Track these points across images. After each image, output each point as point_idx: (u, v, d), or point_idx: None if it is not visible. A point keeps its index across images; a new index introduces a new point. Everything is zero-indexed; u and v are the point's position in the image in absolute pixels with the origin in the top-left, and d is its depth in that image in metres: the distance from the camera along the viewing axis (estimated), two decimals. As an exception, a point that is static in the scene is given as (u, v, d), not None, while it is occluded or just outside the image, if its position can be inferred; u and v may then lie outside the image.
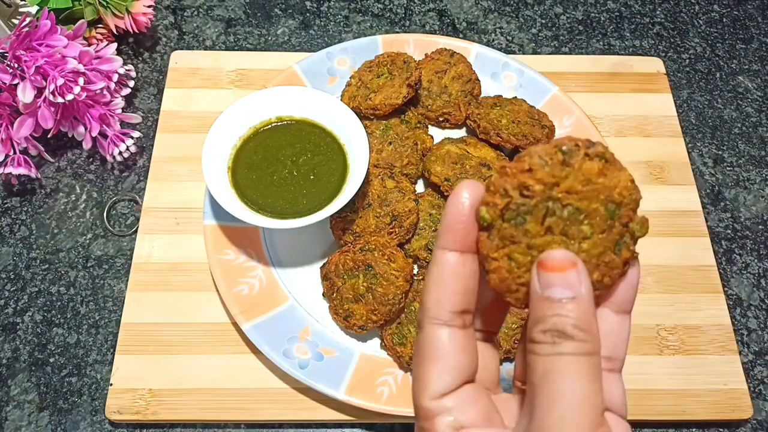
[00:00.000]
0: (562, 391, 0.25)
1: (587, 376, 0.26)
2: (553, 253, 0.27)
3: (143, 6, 0.77)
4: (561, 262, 0.27)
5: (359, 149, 0.63)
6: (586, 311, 0.26)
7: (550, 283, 0.27)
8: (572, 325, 0.26)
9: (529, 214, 0.27)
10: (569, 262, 0.27)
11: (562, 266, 0.27)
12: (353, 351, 0.60)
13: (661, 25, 0.88)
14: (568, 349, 0.26)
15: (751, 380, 0.62)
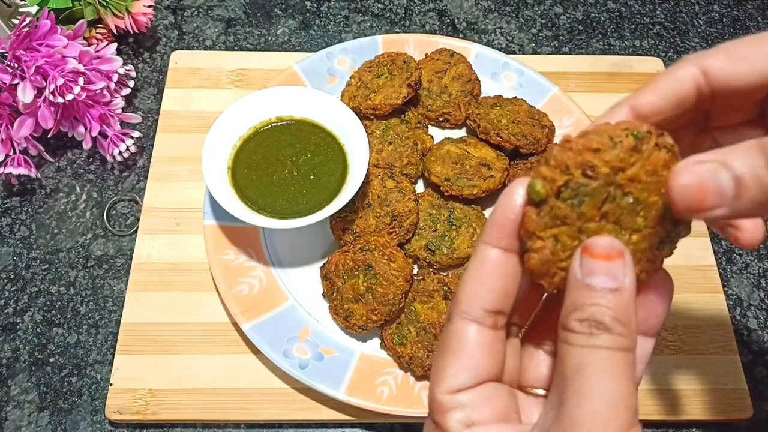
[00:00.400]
0: (598, 387, 0.24)
1: (623, 373, 0.25)
2: (601, 239, 0.26)
3: (143, 6, 0.77)
4: (609, 249, 0.25)
5: (359, 149, 0.63)
6: (627, 305, 0.25)
7: (593, 271, 0.25)
8: (611, 317, 0.25)
9: (589, 197, 0.26)
10: (617, 251, 0.25)
11: (609, 254, 0.25)
12: (353, 351, 0.60)
13: (661, 25, 0.88)
14: (605, 343, 0.25)
15: (751, 380, 0.62)
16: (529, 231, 0.27)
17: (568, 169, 0.25)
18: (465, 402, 0.27)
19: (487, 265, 0.28)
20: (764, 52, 0.29)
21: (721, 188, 0.24)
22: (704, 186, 0.24)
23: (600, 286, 0.25)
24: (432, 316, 0.58)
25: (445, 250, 0.63)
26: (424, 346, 0.57)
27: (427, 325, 0.57)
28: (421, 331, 0.58)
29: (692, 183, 0.24)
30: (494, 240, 0.28)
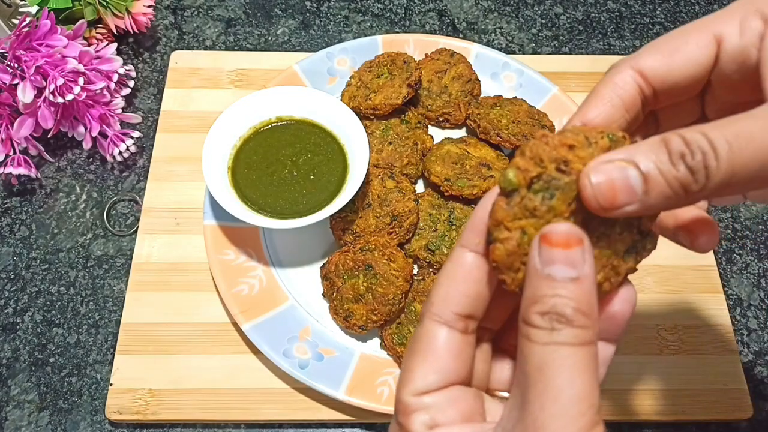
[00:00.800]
0: (560, 388, 0.24)
1: (586, 370, 0.24)
2: (559, 225, 0.25)
3: (143, 6, 0.77)
4: (567, 236, 0.25)
5: (359, 149, 0.63)
6: (589, 294, 0.25)
7: (552, 260, 0.25)
8: (573, 308, 0.24)
9: (560, 191, 0.25)
10: (576, 237, 0.25)
11: (568, 241, 0.24)
12: (353, 351, 0.60)
13: (661, 25, 0.88)
14: (567, 338, 0.24)
15: (751, 380, 0.62)
16: (497, 220, 0.26)
17: (542, 162, 0.25)
18: (430, 404, 0.27)
19: (462, 268, 0.28)
20: (693, 41, 0.29)
21: (630, 185, 0.24)
22: (614, 185, 0.24)
23: (560, 276, 0.24)
24: (432, 316, 0.58)
25: (445, 250, 0.63)
26: (424, 346, 0.57)
27: (427, 325, 0.57)
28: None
29: (603, 182, 0.24)
30: (470, 243, 0.28)
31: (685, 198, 0.25)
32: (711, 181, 0.24)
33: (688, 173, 0.24)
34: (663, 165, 0.24)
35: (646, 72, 0.29)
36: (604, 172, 0.25)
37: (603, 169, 0.25)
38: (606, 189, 0.24)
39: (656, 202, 0.25)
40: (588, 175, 0.25)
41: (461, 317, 0.28)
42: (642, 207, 0.25)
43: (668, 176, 0.24)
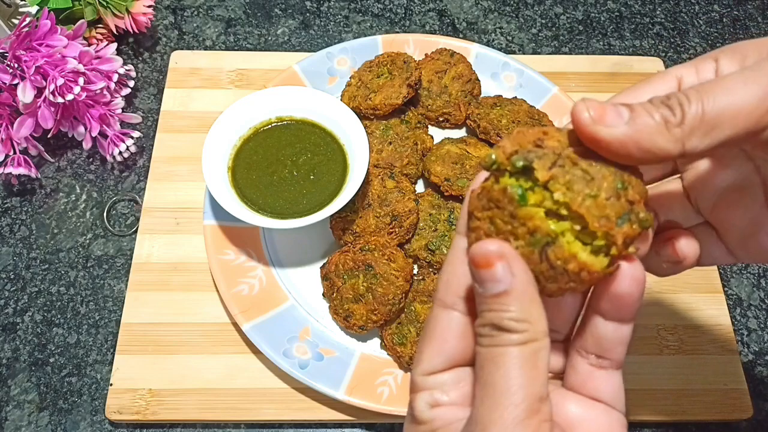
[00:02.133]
0: (494, 383, 0.26)
1: (522, 364, 0.26)
2: (478, 246, 0.26)
3: (143, 6, 0.77)
4: (486, 257, 0.26)
5: (359, 149, 0.63)
6: (520, 300, 0.26)
7: (479, 279, 0.26)
8: (508, 318, 0.26)
9: (538, 159, 0.26)
10: (495, 255, 0.26)
11: (488, 261, 0.26)
12: (353, 351, 0.60)
13: (661, 25, 0.88)
14: (504, 341, 0.26)
15: (751, 380, 0.62)
16: (469, 211, 0.28)
17: (521, 144, 0.28)
18: (436, 384, 0.29)
19: (460, 252, 0.30)
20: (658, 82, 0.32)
21: (617, 110, 0.27)
22: (603, 107, 0.27)
23: (490, 293, 0.26)
24: (432, 316, 0.58)
25: (445, 250, 0.63)
26: (424, 346, 0.57)
27: (427, 325, 0.57)
28: (421, 331, 0.58)
29: (594, 103, 0.27)
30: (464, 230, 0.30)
31: (668, 132, 0.26)
32: (687, 114, 0.26)
33: (666, 108, 0.27)
34: (645, 105, 0.27)
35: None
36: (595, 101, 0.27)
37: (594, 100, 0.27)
38: (596, 106, 0.27)
39: (642, 130, 0.26)
40: (580, 101, 0.27)
41: (463, 299, 0.29)
42: (629, 131, 0.26)
43: (650, 109, 0.27)
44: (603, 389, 0.30)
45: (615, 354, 0.30)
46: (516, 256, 0.27)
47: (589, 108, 0.27)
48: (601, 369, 0.30)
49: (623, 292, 0.28)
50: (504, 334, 0.26)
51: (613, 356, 0.30)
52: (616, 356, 0.30)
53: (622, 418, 0.30)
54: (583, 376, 0.30)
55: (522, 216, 0.27)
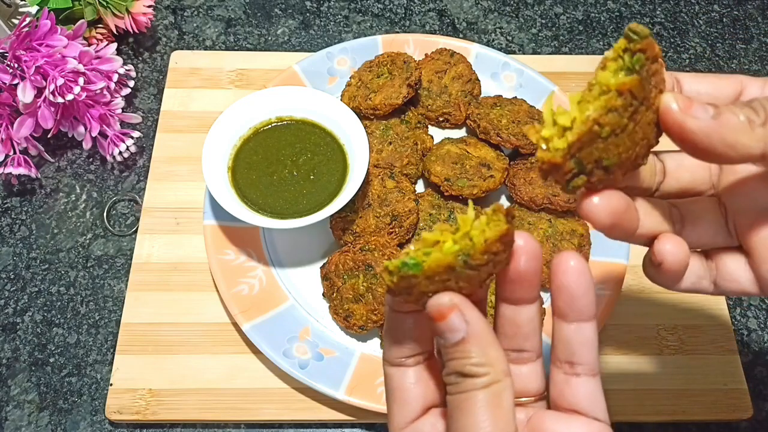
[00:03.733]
0: (465, 429, 0.27)
1: (488, 407, 0.27)
2: (432, 301, 0.28)
3: (143, 6, 0.77)
4: (440, 309, 0.28)
5: (359, 149, 0.63)
6: (479, 345, 0.27)
7: (440, 331, 0.28)
8: (470, 364, 0.27)
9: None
10: (448, 306, 0.27)
11: (442, 313, 0.27)
12: (353, 351, 0.60)
13: (661, 25, 0.88)
14: (469, 386, 0.27)
15: (751, 380, 0.62)
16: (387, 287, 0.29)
17: None
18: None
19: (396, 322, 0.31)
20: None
21: (703, 107, 0.28)
22: (691, 100, 0.29)
23: (449, 342, 0.28)
24: (432, 316, 0.58)
25: (445, 250, 0.62)
26: (424, 346, 0.57)
27: (427, 325, 0.57)
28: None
29: (681, 96, 0.29)
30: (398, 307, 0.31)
31: (752, 131, 0.28)
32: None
33: (750, 110, 0.28)
34: (729, 105, 0.29)
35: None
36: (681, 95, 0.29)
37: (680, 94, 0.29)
38: (684, 98, 0.29)
39: (726, 126, 0.28)
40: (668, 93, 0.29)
41: (407, 350, 0.31)
42: (714, 125, 0.28)
43: (734, 109, 0.28)
44: (580, 397, 0.30)
45: (585, 358, 0.30)
46: (468, 304, 0.28)
47: (677, 99, 0.28)
48: (575, 376, 0.30)
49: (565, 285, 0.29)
50: (468, 380, 0.27)
51: (584, 360, 0.30)
52: (586, 360, 0.30)
53: (606, 428, 0.30)
54: (560, 386, 0.31)
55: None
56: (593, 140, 0.28)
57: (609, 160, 0.28)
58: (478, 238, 0.27)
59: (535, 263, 0.29)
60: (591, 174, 0.29)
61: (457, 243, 0.27)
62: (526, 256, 0.29)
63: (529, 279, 0.30)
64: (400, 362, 0.31)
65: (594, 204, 0.30)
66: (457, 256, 0.27)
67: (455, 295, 0.28)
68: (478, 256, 0.27)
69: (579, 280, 0.29)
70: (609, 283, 0.62)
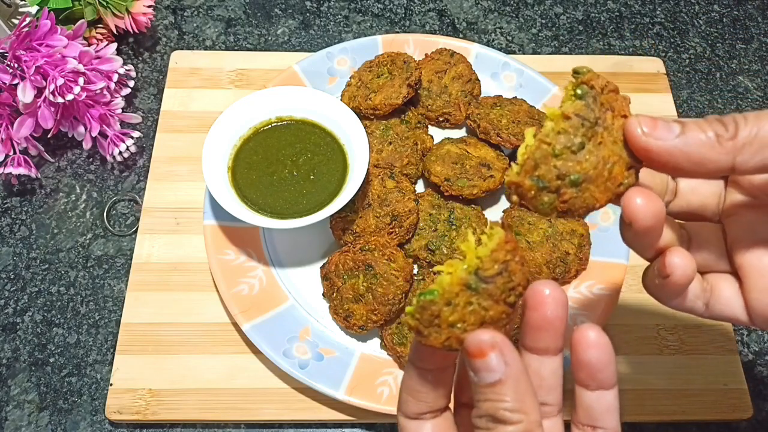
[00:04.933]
0: None
1: None
2: (471, 337, 0.27)
3: (143, 6, 0.77)
4: (480, 346, 0.27)
5: (359, 149, 0.63)
6: (515, 389, 0.27)
7: (476, 369, 0.27)
8: (504, 409, 0.26)
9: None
10: (488, 344, 0.27)
11: (482, 351, 0.27)
12: (353, 351, 0.60)
13: (661, 25, 0.88)
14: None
15: (751, 380, 0.62)
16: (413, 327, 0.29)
17: None
18: None
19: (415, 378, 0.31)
20: None
21: (669, 125, 0.29)
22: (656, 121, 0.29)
23: (484, 382, 0.27)
24: (432, 316, 0.58)
25: (445, 250, 0.63)
26: (424, 346, 0.57)
27: (427, 325, 0.57)
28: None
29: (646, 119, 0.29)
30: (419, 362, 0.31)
31: (720, 146, 0.28)
32: (740, 131, 0.28)
33: (720, 125, 0.29)
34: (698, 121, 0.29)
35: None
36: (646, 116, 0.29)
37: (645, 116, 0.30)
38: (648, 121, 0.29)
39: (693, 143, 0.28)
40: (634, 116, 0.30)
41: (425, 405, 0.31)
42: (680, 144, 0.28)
43: (702, 125, 0.29)
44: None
45: (608, 423, 0.30)
46: (509, 346, 0.27)
47: (641, 122, 0.29)
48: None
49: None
50: (500, 426, 0.27)
51: (607, 425, 0.30)
52: (609, 425, 0.30)
53: None
54: None
55: None
56: (546, 158, 0.29)
57: (574, 176, 0.30)
58: (484, 255, 0.28)
59: (561, 311, 0.29)
60: (560, 192, 0.30)
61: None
62: (553, 304, 0.29)
63: (555, 327, 0.29)
64: (417, 416, 0.31)
65: (637, 204, 0.30)
66: (469, 272, 0.27)
67: (497, 334, 0.27)
68: (489, 266, 0.27)
69: (600, 355, 0.29)
70: (609, 283, 0.62)
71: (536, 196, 0.30)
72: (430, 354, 0.30)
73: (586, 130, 0.30)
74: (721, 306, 0.36)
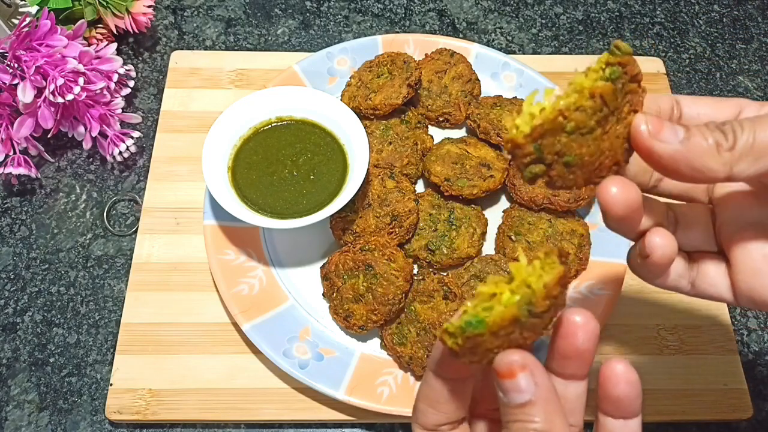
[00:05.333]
0: None
1: None
2: (502, 357, 0.27)
3: (143, 6, 0.77)
4: (510, 367, 0.27)
5: (359, 149, 0.63)
6: (545, 410, 0.27)
7: (505, 389, 0.27)
8: (534, 429, 0.27)
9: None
10: (519, 365, 0.27)
11: (512, 371, 0.27)
12: (353, 351, 0.60)
13: (661, 25, 0.88)
14: None
15: (751, 380, 0.62)
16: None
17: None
18: None
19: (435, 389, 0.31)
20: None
21: (674, 129, 0.29)
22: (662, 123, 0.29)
23: (513, 403, 0.27)
24: (432, 316, 0.58)
25: (445, 250, 0.63)
26: (424, 346, 0.57)
27: (427, 325, 0.57)
28: (421, 331, 0.58)
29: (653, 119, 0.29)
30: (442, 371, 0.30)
31: (719, 154, 0.29)
32: (738, 141, 0.29)
33: (720, 134, 0.29)
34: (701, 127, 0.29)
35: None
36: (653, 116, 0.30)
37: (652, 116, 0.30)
38: (655, 121, 0.29)
39: (694, 150, 0.29)
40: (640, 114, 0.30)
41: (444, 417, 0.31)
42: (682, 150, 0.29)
43: (704, 132, 0.29)
44: None
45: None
46: (539, 367, 0.27)
47: (648, 121, 0.29)
48: None
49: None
50: None
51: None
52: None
53: None
54: None
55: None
56: (556, 131, 0.29)
57: (570, 158, 0.29)
58: (537, 285, 0.27)
59: (592, 342, 0.29)
60: (551, 166, 0.30)
61: (515, 292, 0.27)
62: (584, 335, 0.29)
63: (585, 357, 0.30)
64: (435, 428, 0.31)
65: (612, 194, 0.30)
66: (521, 307, 0.27)
67: (527, 355, 0.27)
68: (541, 303, 0.27)
69: (629, 391, 0.30)
70: (609, 283, 0.62)
71: (529, 162, 0.30)
72: (453, 365, 0.30)
73: (602, 117, 0.29)
74: (706, 286, 0.37)
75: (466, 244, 0.63)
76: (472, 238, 0.63)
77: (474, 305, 0.27)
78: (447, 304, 0.57)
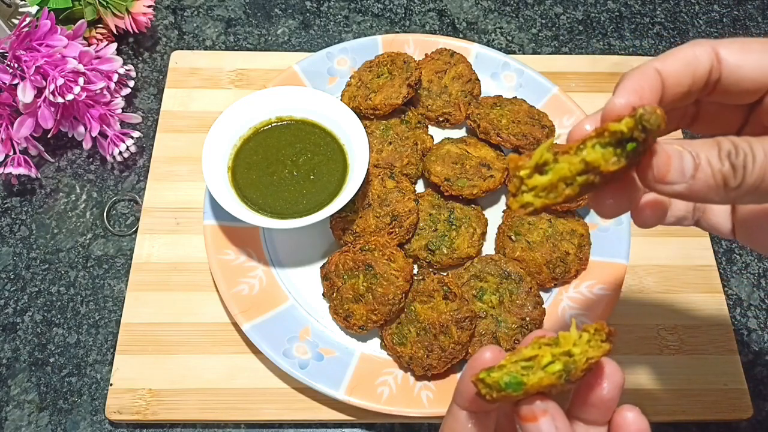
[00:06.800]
0: None
1: None
2: (525, 406, 0.29)
3: (143, 6, 0.77)
4: (533, 411, 0.29)
5: (359, 149, 0.63)
6: None
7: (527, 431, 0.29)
8: None
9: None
10: (541, 410, 0.29)
11: (534, 416, 0.29)
12: (353, 351, 0.60)
13: (661, 25, 0.88)
14: None
15: (751, 380, 0.62)
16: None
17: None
18: None
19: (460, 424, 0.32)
20: None
21: (682, 167, 0.28)
22: (670, 162, 0.28)
23: None
24: (432, 316, 0.58)
25: (445, 250, 0.63)
26: (423, 346, 0.57)
27: (427, 325, 0.57)
28: (421, 331, 0.58)
29: (661, 157, 0.28)
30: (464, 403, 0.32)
31: (724, 192, 0.28)
32: (746, 180, 0.28)
33: (730, 169, 0.28)
34: (713, 159, 0.28)
35: (722, 57, 0.32)
36: (665, 150, 0.28)
37: (665, 148, 0.29)
38: (662, 164, 0.28)
39: (700, 188, 0.28)
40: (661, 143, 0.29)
41: None
42: (687, 190, 0.29)
43: (714, 168, 0.28)
44: None
45: None
46: (560, 413, 0.29)
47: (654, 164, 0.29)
48: None
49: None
50: None
51: None
52: None
53: None
54: None
55: None
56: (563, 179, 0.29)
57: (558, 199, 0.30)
58: (580, 357, 0.28)
59: (617, 392, 0.30)
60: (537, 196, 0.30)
61: (558, 360, 0.28)
62: (611, 385, 0.30)
63: (608, 406, 0.31)
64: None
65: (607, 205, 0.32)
66: (560, 376, 0.28)
67: (549, 402, 0.29)
68: (578, 374, 0.28)
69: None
70: (609, 283, 0.62)
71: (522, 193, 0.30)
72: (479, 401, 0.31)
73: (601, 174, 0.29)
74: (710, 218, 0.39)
75: (466, 244, 0.63)
76: (472, 238, 0.63)
77: (514, 361, 0.29)
78: (447, 304, 0.57)
